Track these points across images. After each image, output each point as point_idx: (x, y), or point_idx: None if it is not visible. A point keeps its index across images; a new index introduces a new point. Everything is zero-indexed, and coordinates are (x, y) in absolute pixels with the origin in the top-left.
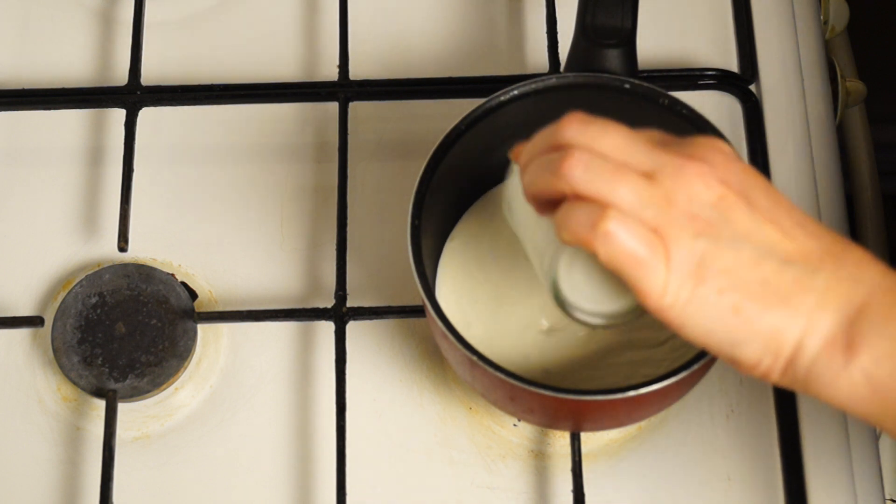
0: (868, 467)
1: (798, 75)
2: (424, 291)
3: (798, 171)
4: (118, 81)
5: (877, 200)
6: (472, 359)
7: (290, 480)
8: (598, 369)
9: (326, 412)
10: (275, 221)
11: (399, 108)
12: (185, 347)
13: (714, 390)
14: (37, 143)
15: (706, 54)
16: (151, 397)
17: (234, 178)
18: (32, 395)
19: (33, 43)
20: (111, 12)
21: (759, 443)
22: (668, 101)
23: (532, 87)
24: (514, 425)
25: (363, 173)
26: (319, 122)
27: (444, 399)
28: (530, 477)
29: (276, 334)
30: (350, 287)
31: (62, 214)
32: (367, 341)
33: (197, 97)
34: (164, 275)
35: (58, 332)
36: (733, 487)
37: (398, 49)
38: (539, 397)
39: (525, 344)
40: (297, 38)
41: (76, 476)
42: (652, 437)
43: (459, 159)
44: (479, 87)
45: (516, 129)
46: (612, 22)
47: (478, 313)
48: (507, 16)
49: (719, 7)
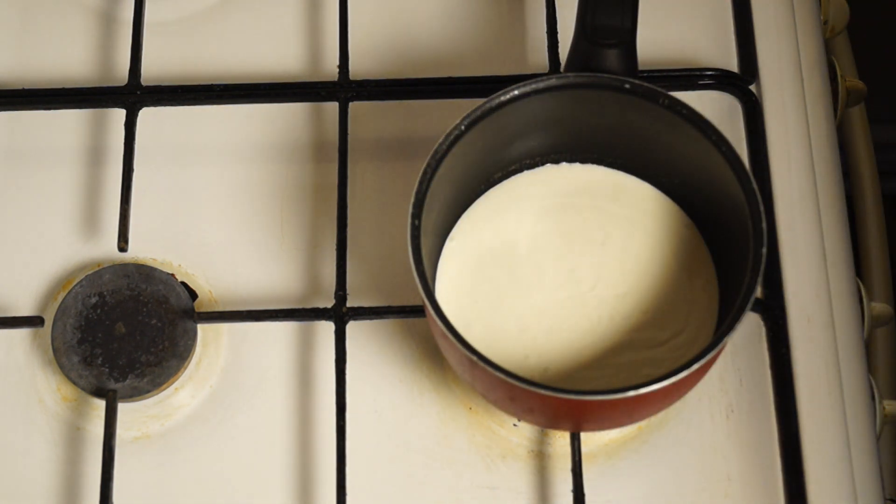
0: (868, 467)
1: (798, 75)
2: (424, 291)
3: (798, 171)
4: (118, 81)
5: (877, 200)
6: (472, 359)
7: (290, 480)
8: (598, 369)
9: (326, 412)
10: (275, 221)
11: (399, 108)
12: (185, 347)
13: (714, 390)
14: (37, 143)
15: (706, 54)
16: (151, 397)
17: (235, 178)
18: (32, 395)
19: (33, 43)
20: (111, 12)
21: (759, 443)
22: (668, 101)
23: (532, 87)
24: (514, 425)
25: (363, 173)
26: (319, 122)
27: (444, 399)
28: (530, 477)
29: (276, 334)
30: (350, 287)
31: (62, 214)
32: (367, 341)
33: (197, 97)
34: (164, 275)
35: (58, 332)
36: (733, 487)
37: (398, 49)
38: (539, 397)
39: (525, 344)
40: (297, 38)
41: (76, 476)
42: (652, 437)
43: (459, 159)
44: (479, 87)
45: (516, 129)
46: (612, 22)
47: (478, 313)
48: (507, 16)
49: (719, 7)
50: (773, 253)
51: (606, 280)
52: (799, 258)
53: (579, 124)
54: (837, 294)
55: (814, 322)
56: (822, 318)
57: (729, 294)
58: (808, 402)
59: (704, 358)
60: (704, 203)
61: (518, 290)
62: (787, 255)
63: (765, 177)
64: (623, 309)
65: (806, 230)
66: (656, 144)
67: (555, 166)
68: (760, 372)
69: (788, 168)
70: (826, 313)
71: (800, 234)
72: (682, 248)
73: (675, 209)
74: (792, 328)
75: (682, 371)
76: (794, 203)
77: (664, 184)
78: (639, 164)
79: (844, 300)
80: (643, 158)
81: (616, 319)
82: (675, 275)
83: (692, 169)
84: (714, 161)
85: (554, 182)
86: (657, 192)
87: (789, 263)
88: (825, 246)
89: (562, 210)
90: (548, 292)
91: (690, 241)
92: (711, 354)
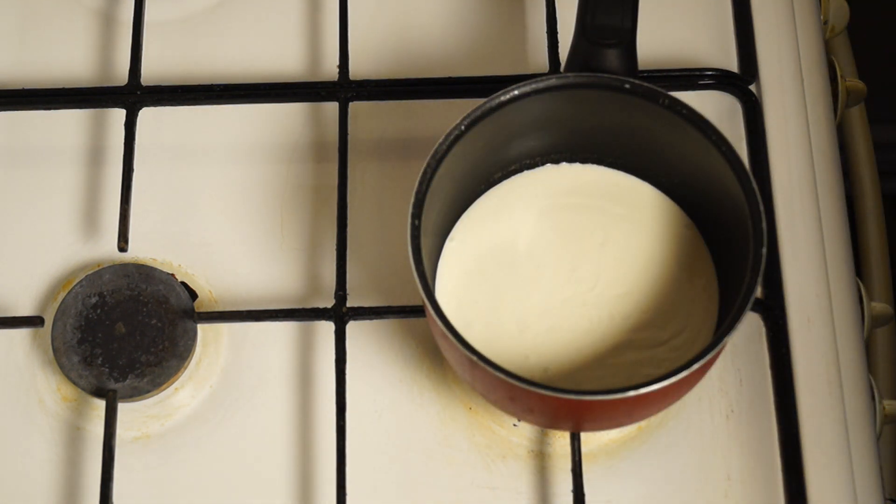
0: (868, 467)
1: (798, 75)
2: (424, 291)
3: (798, 171)
4: (118, 81)
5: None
6: (472, 359)
7: (290, 480)
8: (598, 369)
9: (326, 412)
10: (275, 221)
11: (399, 108)
12: (185, 347)
13: (714, 390)
14: (37, 143)
15: (706, 54)
16: (151, 397)
17: (235, 177)
18: (32, 395)
19: (33, 43)
20: (111, 12)
21: (759, 443)
22: (668, 101)
23: (532, 87)
24: (514, 425)
25: (363, 173)
26: (319, 122)
27: (444, 399)
28: (530, 477)
29: (276, 334)
30: (350, 287)
31: (62, 214)
32: (367, 341)
33: (197, 97)
34: (164, 275)
35: (58, 332)
36: (733, 487)
37: (398, 49)
38: (539, 397)
39: (525, 344)
40: (297, 38)
41: (76, 476)
42: (652, 437)
43: (460, 159)
44: (479, 87)
45: (516, 129)
46: (612, 22)
47: (478, 313)
48: (507, 16)
49: (719, 7)
50: (773, 253)
51: (606, 280)
52: (799, 258)
53: (579, 124)
54: (837, 294)
55: (814, 322)
56: (822, 318)
57: (729, 294)
58: (808, 402)
59: (704, 358)
60: (704, 203)
61: (518, 290)
62: (787, 255)
63: (765, 177)
64: (623, 309)
65: (806, 230)
66: (656, 144)
67: (555, 166)
68: (760, 372)
69: (788, 168)
70: (826, 313)
71: (800, 234)
72: (682, 248)
73: (675, 209)
74: (792, 328)
75: (682, 371)
76: (794, 203)
77: (664, 184)
78: (639, 164)
79: (844, 300)
80: (643, 158)
81: (616, 319)
82: (675, 275)
83: (692, 169)
84: (714, 161)
85: (554, 182)
86: (657, 192)
87: (789, 263)
88: (825, 246)
89: (562, 210)
90: (548, 292)
91: (690, 241)
92: (711, 354)
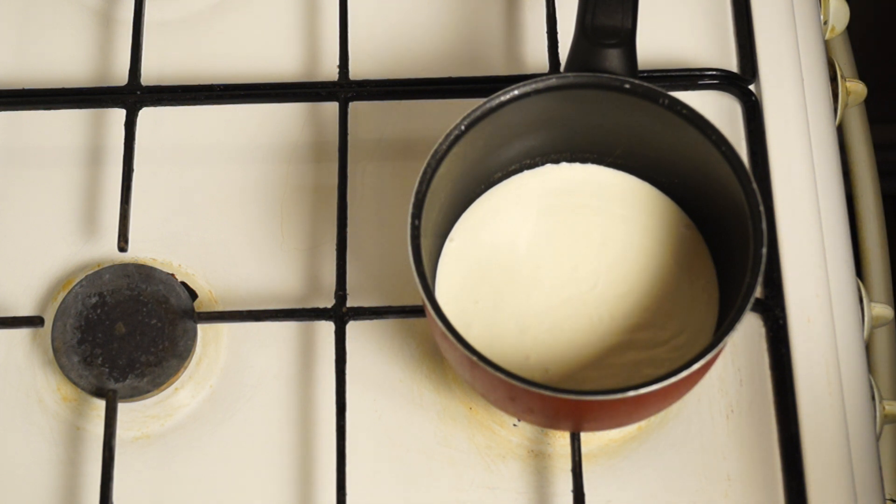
0: (868, 467)
1: (798, 75)
2: (424, 291)
3: (798, 171)
4: (118, 81)
5: (877, 200)
6: (472, 359)
7: (290, 480)
8: (598, 369)
9: (326, 412)
10: (275, 221)
11: (399, 108)
12: (185, 347)
13: (714, 390)
14: (37, 143)
15: (706, 54)
16: (151, 397)
17: (234, 178)
18: (32, 395)
19: (33, 43)
20: (111, 12)
21: (759, 443)
22: (668, 101)
23: (532, 87)
24: (514, 425)
25: (363, 173)
26: (319, 122)
27: (444, 399)
28: (530, 477)
29: (276, 334)
30: (350, 287)
31: (62, 214)
32: (367, 341)
33: (197, 97)
34: (164, 275)
35: (58, 332)
36: (733, 487)
37: (398, 49)
38: (539, 397)
39: (525, 344)
40: (297, 39)
41: (76, 476)
42: (652, 437)
43: (459, 159)
44: (479, 87)
45: (516, 129)
46: (612, 22)
47: (478, 313)
48: (507, 16)
49: (719, 7)
50: (773, 253)
51: (606, 280)
52: (799, 258)
53: (579, 124)
54: (837, 294)
55: (814, 322)
56: (822, 318)
57: (729, 294)
58: (808, 402)
59: (704, 358)
60: (704, 203)
61: (518, 290)
62: (787, 255)
63: (765, 177)
64: (623, 309)
65: (806, 230)
66: (656, 144)
67: (555, 166)
68: (760, 372)
69: (788, 168)
70: (826, 313)
71: (800, 234)
72: (682, 248)
73: (675, 209)
74: (792, 328)
75: (682, 371)
76: (794, 203)
77: (664, 184)
78: (638, 164)
79: (844, 300)
80: (643, 158)
81: (616, 319)
82: (675, 275)
83: (692, 169)
84: (714, 161)
85: (554, 182)
86: (657, 192)
87: (789, 263)
88: (825, 246)
89: (562, 210)
90: (548, 292)
91: (690, 241)
92: (711, 354)
